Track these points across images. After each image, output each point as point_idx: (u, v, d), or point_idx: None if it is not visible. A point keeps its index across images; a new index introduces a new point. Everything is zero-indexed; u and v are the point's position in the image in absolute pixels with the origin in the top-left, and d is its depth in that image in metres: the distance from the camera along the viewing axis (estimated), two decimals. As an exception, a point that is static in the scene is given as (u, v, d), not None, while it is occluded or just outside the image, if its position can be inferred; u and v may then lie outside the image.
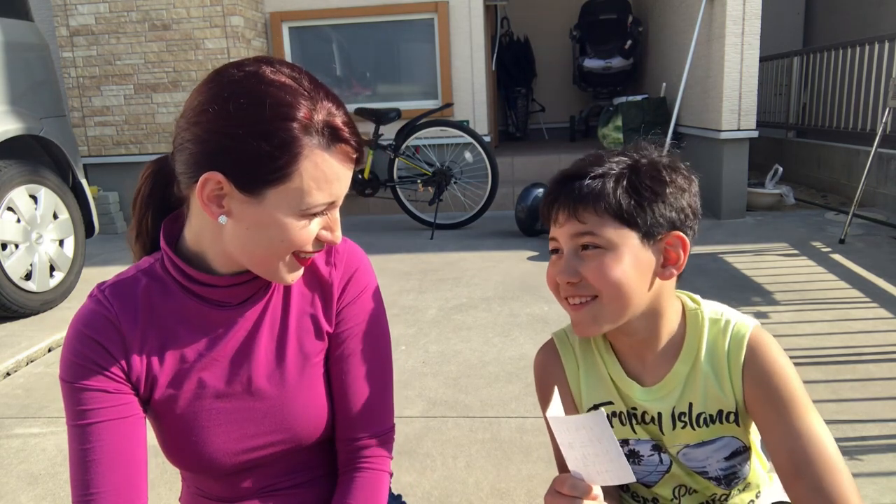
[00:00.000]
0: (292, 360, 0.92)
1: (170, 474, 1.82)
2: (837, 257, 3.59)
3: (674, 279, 0.92)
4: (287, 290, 0.94)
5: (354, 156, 0.83)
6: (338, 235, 0.86)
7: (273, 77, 0.78)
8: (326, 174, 0.80)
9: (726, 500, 0.99)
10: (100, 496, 0.81)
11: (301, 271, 0.88)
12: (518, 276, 3.55)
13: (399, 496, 1.11)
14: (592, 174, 0.88)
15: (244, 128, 0.76)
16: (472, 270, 3.69)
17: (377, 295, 0.99)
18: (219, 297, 0.88)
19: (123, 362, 0.85)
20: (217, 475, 0.93)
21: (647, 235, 0.88)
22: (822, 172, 5.68)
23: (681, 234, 0.89)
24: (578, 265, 0.88)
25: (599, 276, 0.87)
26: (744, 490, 1.00)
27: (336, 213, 0.86)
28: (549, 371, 1.01)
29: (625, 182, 0.87)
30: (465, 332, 2.78)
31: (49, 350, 2.84)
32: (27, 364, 2.70)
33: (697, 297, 0.98)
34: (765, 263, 3.55)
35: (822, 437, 0.85)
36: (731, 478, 0.97)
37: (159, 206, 0.92)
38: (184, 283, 0.87)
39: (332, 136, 0.80)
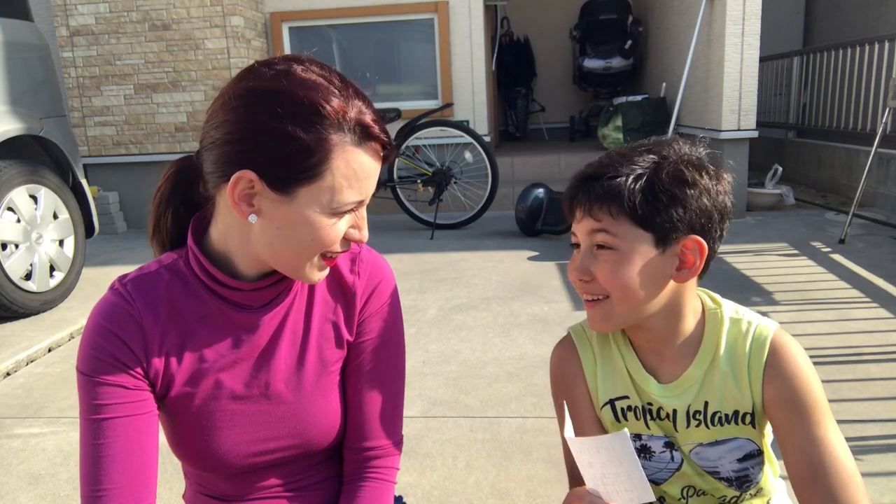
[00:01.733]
0: (311, 366, 0.92)
1: (169, 473, 1.82)
2: (837, 257, 3.59)
3: (694, 279, 0.91)
4: (310, 295, 0.93)
5: (383, 153, 0.84)
6: (365, 234, 0.86)
7: (304, 75, 0.78)
8: (357, 172, 0.80)
9: (736, 503, 0.98)
10: (110, 492, 0.81)
11: (327, 271, 0.88)
12: (518, 276, 3.55)
13: (399, 497, 1.11)
14: (611, 174, 0.87)
15: (277, 126, 0.76)
16: (472, 270, 3.69)
17: (398, 309, 0.99)
18: (242, 299, 0.87)
19: (143, 359, 0.84)
20: (225, 475, 0.93)
21: (663, 239, 0.86)
22: (822, 172, 5.68)
23: (699, 238, 0.87)
24: (591, 264, 0.88)
25: (610, 278, 0.87)
26: (755, 496, 0.99)
27: (364, 212, 0.86)
28: (567, 366, 1.01)
29: (643, 183, 0.85)
30: (465, 332, 2.78)
31: (49, 350, 2.84)
32: (27, 364, 2.70)
33: (718, 296, 0.97)
34: (765, 263, 3.55)
35: (840, 447, 0.84)
36: (743, 480, 0.96)
37: (179, 206, 0.91)
38: (208, 284, 0.86)
39: (363, 133, 0.80)
